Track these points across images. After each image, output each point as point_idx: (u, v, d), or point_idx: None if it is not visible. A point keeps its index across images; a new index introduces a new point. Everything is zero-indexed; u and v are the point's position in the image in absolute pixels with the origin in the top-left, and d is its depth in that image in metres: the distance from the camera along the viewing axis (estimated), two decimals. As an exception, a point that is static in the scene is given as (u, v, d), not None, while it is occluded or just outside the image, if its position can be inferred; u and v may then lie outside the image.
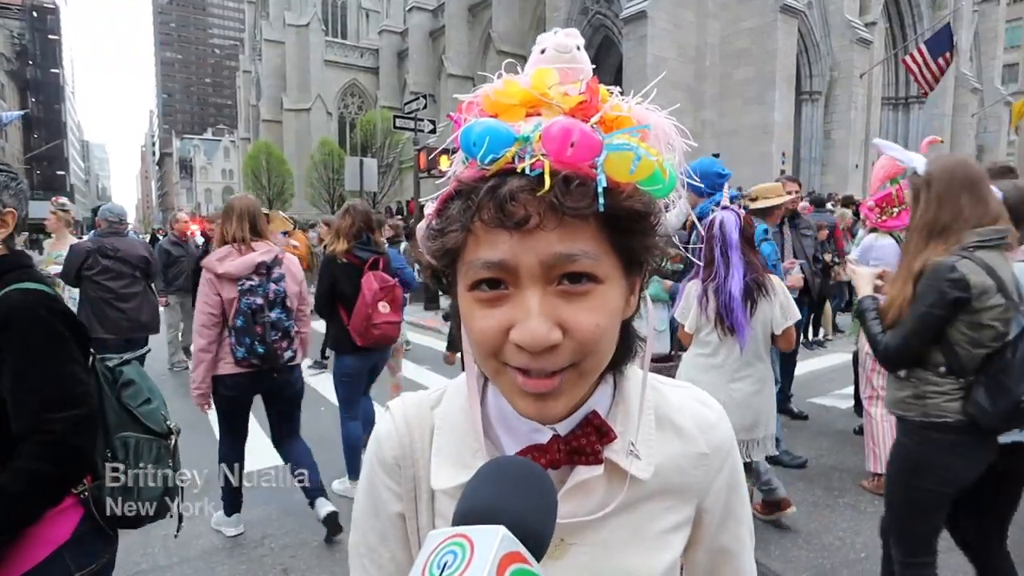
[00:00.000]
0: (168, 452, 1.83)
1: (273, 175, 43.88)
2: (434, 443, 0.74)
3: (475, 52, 38.87)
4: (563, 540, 0.69)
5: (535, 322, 0.57)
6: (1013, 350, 2.06)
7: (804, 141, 26.25)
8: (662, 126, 0.64)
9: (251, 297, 3.29)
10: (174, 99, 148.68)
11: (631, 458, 0.69)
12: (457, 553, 0.46)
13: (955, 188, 2.15)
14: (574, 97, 0.60)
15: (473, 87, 0.68)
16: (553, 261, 0.57)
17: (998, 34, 36.78)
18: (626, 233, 0.61)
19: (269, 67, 52.11)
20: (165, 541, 3.62)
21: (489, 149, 0.57)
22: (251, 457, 4.81)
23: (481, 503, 0.51)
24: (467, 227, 0.59)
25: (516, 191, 0.56)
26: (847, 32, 25.66)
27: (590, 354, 0.61)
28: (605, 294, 0.61)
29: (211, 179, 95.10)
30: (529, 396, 0.62)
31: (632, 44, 22.02)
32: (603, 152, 0.57)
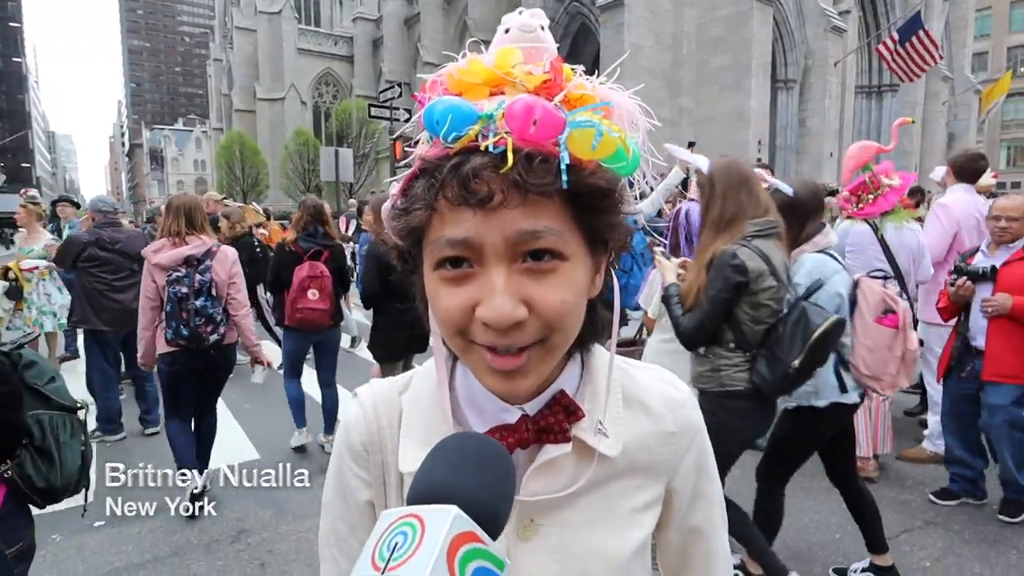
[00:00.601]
0: (81, 426, 1.96)
1: (247, 166, 43.33)
2: (403, 426, 0.73)
3: (451, 40, 38.57)
4: (532, 521, 0.69)
5: (500, 299, 0.57)
6: (784, 325, 2.39)
7: (779, 129, 26.55)
8: (625, 105, 0.64)
9: (177, 286, 3.68)
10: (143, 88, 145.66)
11: (599, 436, 0.69)
12: (407, 534, 0.45)
13: (735, 185, 2.46)
14: (538, 76, 0.60)
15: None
16: (517, 238, 0.57)
17: (968, 23, 37.44)
18: (590, 210, 0.61)
19: (241, 55, 51.22)
20: (139, 539, 3.56)
21: (452, 127, 0.57)
22: (229, 452, 4.79)
23: (434, 482, 0.51)
24: (431, 205, 0.58)
25: (479, 168, 0.56)
26: (821, 20, 25.93)
27: (556, 330, 0.61)
28: (570, 271, 0.60)
29: (183, 170, 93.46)
30: (497, 373, 0.61)
31: (609, 32, 22.04)
32: (566, 129, 0.57)
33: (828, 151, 26.33)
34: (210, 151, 72.38)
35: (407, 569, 0.43)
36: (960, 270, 3.53)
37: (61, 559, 3.39)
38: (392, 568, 0.43)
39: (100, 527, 3.70)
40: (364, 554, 0.46)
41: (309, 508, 3.84)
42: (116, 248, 4.93)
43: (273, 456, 4.74)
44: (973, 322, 3.57)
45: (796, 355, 2.33)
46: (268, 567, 3.33)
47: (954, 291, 3.52)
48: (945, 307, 3.60)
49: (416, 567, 0.43)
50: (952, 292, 3.53)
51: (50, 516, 3.81)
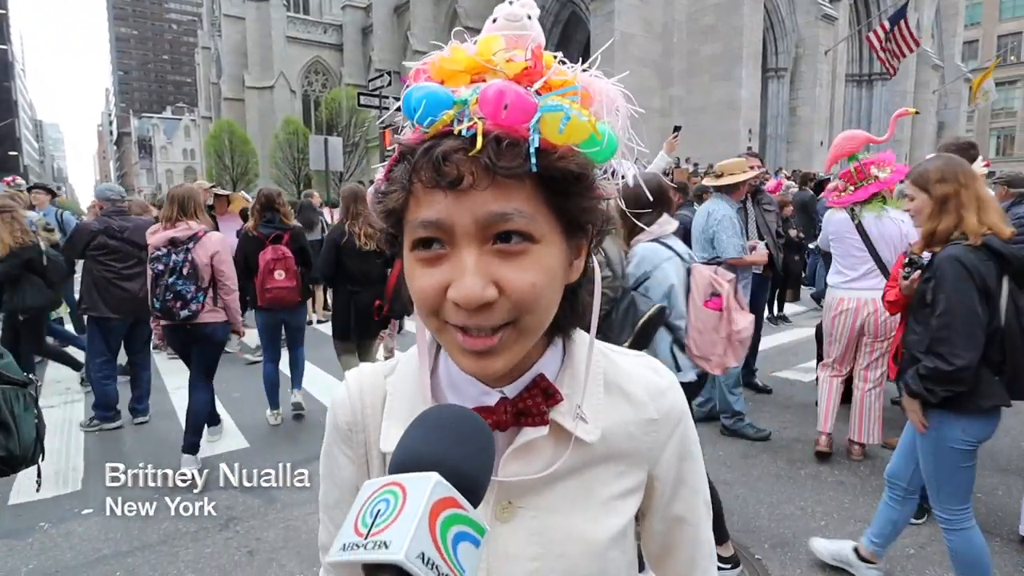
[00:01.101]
0: (33, 400, 2.08)
1: (236, 154, 42.90)
2: (386, 408, 0.75)
3: (441, 28, 38.29)
4: (511, 503, 0.70)
5: (469, 280, 0.58)
6: (616, 311, 2.59)
7: (770, 118, 26.57)
8: (607, 91, 0.65)
9: (156, 264, 4.14)
10: (130, 76, 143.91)
11: (577, 421, 0.70)
12: (390, 501, 0.46)
13: None
14: (519, 63, 0.61)
15: None
16: (487, 220, 0.58)
17: (958, 11, 37.51)
18: (561, 194, 0.62)
19: (229, 43, 50.58)
20: (127, 526, 3.56)
21: (426, 112, 0.58)
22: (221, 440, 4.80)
23: (414, 451, 0.52)
24: (407, 188, 0.61)
25: (449, 151, 0.57)
26: (812, 8, 25.91)
27: (527, 312, 0.62)
28: (541, 253, 0.61)
29: (172, 159, 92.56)
30: (469, 353, 0.63)
31: (600, 20, 21.95)
32: (538, 113, 0.58)
33: (819, 140, 26.38)
34: (199, 140, 71.72)
35: (389, 533, 0.44)
36: (914, 262, 3.26)
37: (49, 547, 3.40)
38: (375, 533, 0.45)
39: (88, 515, 3.71)
40: (347, 521, 0.47)
41: (297, 496, 3.84)
42: (124, 236, 4.91)
43: (262, 444, 4.76)
44: None
45: (626, 339, 2.54)
46: (256, 554, 3.34)
47: (908, 284, 3.23)
48: (896, 300, 3.32)
49: (398, 531, 0.44)
50: (905, 285, 3.23)
51: (38, 503, 3.84)
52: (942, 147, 4.25)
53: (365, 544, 0.44)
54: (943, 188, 2.54)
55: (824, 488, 3.86)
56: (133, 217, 5.21)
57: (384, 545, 0.44)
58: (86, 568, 3.22)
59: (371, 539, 0.45)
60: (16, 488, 4.05)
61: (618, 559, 0.74)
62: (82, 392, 6.01)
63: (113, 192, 5.15)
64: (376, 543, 0.44)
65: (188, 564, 3.25)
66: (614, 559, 0.73)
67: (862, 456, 4.20)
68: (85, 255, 4.87)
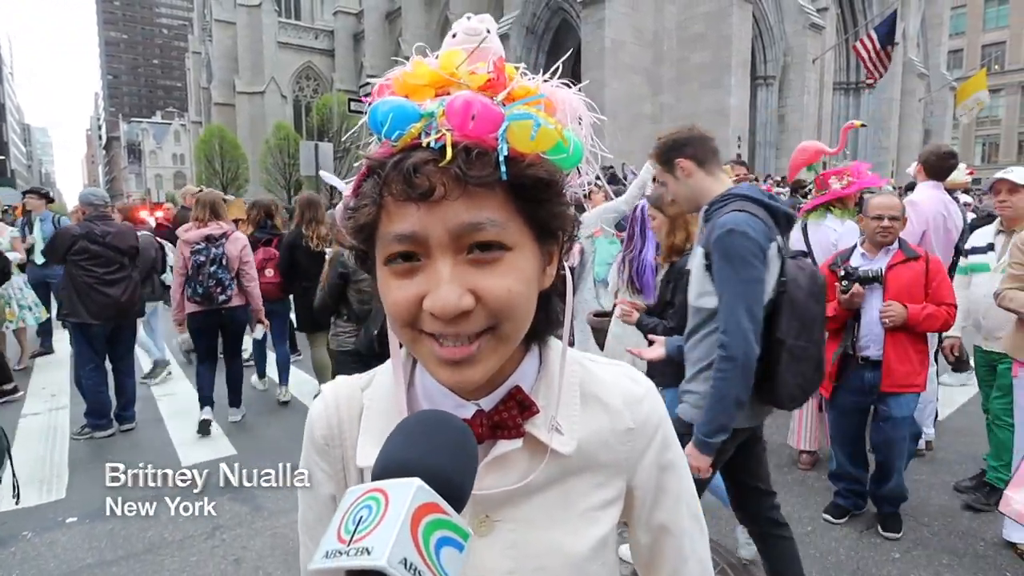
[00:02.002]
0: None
1: (227, 160, 42.73)
2: (363, 422, 0.75)
3: (433, 34, 38.39)
4: (488, 517, 0.70)
5: (446, 289, 0.58)
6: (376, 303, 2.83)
7: (759, 125, 26.75)
8: (570, 100, 0.66)
9: (198, 256, 4.84)
10: (120, 81, 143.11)
11: (552, 432, 0.70)
12: (372, 507, 0.46)
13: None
14: (481, 76, 0.62)
15: None
16: (461, 230, 0.59)
17: (943, 21, 37.94)
18: (532, 201, 0.62)
19: (220, 48, 50.45)
20: (111, 535, 3.54)
21: (394, 125, 0.59)
22: (208, 447, 4.77)
23: (396, 457, 0.52)
24: (378, 202, 0.61)
25: (420, 163, 0.57)
26: (800, 17, 26.15)
27: (505, 319, 0.62)
28: (515, 260, 0.62)
29: (161, 164, 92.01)
30: (446, 363, 0.62)
31: (590, 28, 22.03)
32: (504, 123, 0.59)
33: (805, 145, 26.59)
34: (189, 145, 71.28)
35: (371, 540, 0.44)
36: (850, 275, 3.25)
37: (32, 556, 3.37)
38: (357, 540, 0.45)
39: (72, 523, 3.68)
40: (330, 529, 0.47)
41: (284, 504, 3.83)
42: (106, 241, 4.89)
43: (250, 452, 4.74)
44: (866, 331, 3.27)
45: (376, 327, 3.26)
46: (242, 563, 3.32)
47: (847, 298, 3.25)
48: (833, 316, 3.23)
49: (380, 537, 0.44)
50: (844, 299, 3.25)
51: (22, 512, 3.80)
52: (924, 157, 4.30)
53: (348, 551, 0.44)
54: (674, 209, 2.96)
55: (810, 494, 3.88)
56: (115, 223, 5.19)
57: (367, 551, 0.43)
58: (70, 577, 3.18)
59: (353, 546, 0.44)
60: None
61: (598, 572, 0.73)
62: (68, 399, 5.96)
63: (96, 197, 5.13)
64: (359, 549, 0.44)
65: (173, 573, 3.22)
66: (594, 572, 0.73)
67: (810, 465, 4.24)
68: (66, 260, 4.84)
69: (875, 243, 3.28)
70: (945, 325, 3.23)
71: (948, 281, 3.26)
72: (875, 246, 3.30)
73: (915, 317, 3.12)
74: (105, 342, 5.04)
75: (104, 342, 5.04)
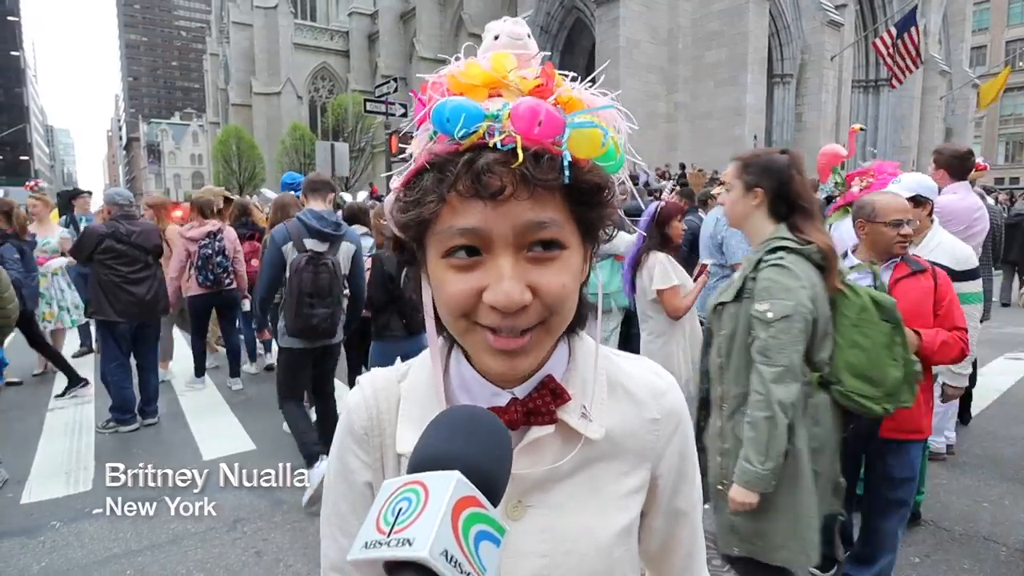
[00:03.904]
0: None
1: (244, 160, 43.18)
2: (400, 411, 0.77)
3: (447, 35, 38.52)
4: (520, 502, 0.73)
5: (508, 284, 0.62)
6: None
7: (776, 124, 26.49)
8: (609, 111, 0.68)
9: (205, 249, 5.81)
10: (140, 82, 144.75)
11: (583, 420, 0.73)
12: (412, 499, 0.46)
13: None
14: (531, 80, 0.65)
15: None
16: (525, 228, 0.62)
17: (966, 17, 37.34)
18: (586, 204, 0.66)
19: (237, 50, 50.93)
20: (136, 525, 3.61)
21: (464, 125, 0.61)
22: (228, 442, 4.85)
23: (435, 450, 0.53)
24: (443, 198, 0.62)
25: (492, 164, 0.60)
26: (818, 14, 25.88)
27: (556, 313, 0.66)
28: (569, 258, 0.66)
29: (180, 164, 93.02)
30: (499, 354, 0.66)
31: (605, 26, 21.97)
32: (567, 130, 0.62)
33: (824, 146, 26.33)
34: (207, 145, 71.94)
35: (413, 531, 0.44)
36: None
37: (60, 545, 3.45)
38: (398, 531, 0.44)
39: (98, 514, 3.76)
40: (368, 520, 0.47)
41: (303, 497, 3.89)
42: (132, 240, 4.97)
43: (269, 448, 4.80)
44: None
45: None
46: (263, 555, 3.38)
47: None
48: None
49: (422, 528, 0.44)
50: None
51: (49, 503, 3.90)
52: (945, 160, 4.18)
53: (388, 541, 0.44)
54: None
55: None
56: (141, 221, 5.28)
57: (408, 543, 0.43)
58: (97, 566, 3.27)
59: (394, 536, 0.44)
60: (28, 488, 4.12)
61: (623, 557, 0.77)
62: (92, 394, 6.08)
63: (121, 197, 5.20)
64: (400, 540, 0.44)
65: (197, 564, 3.29)
66: (620, 557, 0.76)
67: None
68: (93, 258, 4.93)
69: (891, 254, 2.64)
70: (961, 356, 2.59)
71: (957, 300, 2.63)
72: (880, 257, 2.64)
73: (929, 346, 2.48)
74: (130, 339, 5.14)
75: (130, 340, 5.13)
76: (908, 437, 2.56)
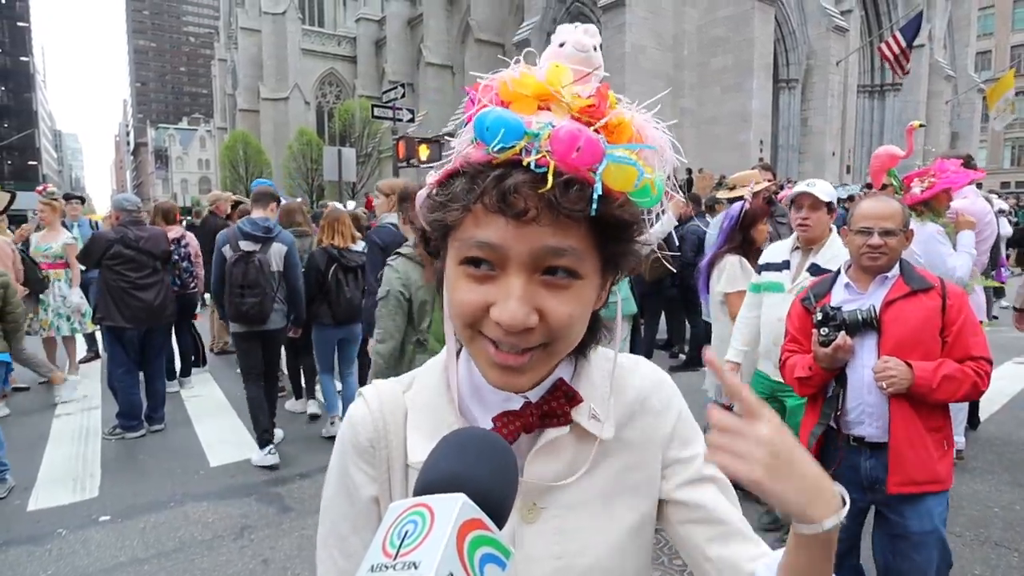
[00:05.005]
0: None
1: (251, 165, 43.31)
2: (410, 421, 0.77)
3: (454, 41, 38.57)
4: (535, 504, 0.73)
5: (515, 305, 0.62)
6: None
7: (782, 128, 26.45)
8: (657, 140, 0.67)
9: (173, 255, 5.73)
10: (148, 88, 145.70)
11: (593, 420, 0.75)
12: (417, 522, 0.46)
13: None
14: (584, 100, 0.64)
15: (452, 76, 0.70)
16: (542, 253, 0.62)
17: (971, 22, 37.24)
18: (611, 239, 0.65)
19: (245, 56, 51.27)
20: (143, 534, 3.62)
21: (502, 139, 0.60)
22: (234, 449, 4.85)
23: (442, 473, 0.53)
24: (468, 207, 0.62)
25: (520, 184, 0.60)
26: (823, 20, 25.84)
27: (559, 339, 0.66)
28: (582, 289, 0.65)
29: (187, 169, 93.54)
30: (498, 367, 0.66)
31: (610, 33, 21.96)
32: (604, 161, 0.60)
33: (830, 150, 26.25)
34: (214, 150, 72.28)
35: (418, 554, 0.44)
36: (831, 318, 2.21)
37: (67, 552, 3.46)
38: (403, 554, 0.44)
39: (105, 521, 3.77)
40: (374, 544, 0.47)
41: (311, 506, 3.89)
42: (140, 246, 4.98)
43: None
44: (856, 399, 2.22)
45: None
46: (271, 564, 3.37)
47: (828, 353, 2.18)
48: (809, 377, 2.29)
49: (427, 552, 0.44)
50: (824, 355, 2.19)
51: (55, 510, 3.91)
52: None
53: (394, 565, 0.44)
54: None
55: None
56: (148, 227, 5.29)
57: (413, 566, 0.43)
58: (103, 574, 3.27)
59: (400, 560, 0.44)
60: (35, 495, 4.13)
61: (637, 553, 0.78)
62: (99, 400, 6.10)
63: (130, 202, 5.21)
64: (405, 564, 0.44)
65: (204, 572, 3.28)
66: (633, 553, 0.77)
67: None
68: (101, 264, 4.95)
69: (862, 268, 2.29)
70: (975, 391, 2.14)
71: (976, 324, 2.21)
72: (864, 273, 2.29)
73: (925, 381, 2.07)
74: (138, 345, 5.14)
75: (137, 346, 5.13)
76: (924, 490, 2.14)
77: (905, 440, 2.12)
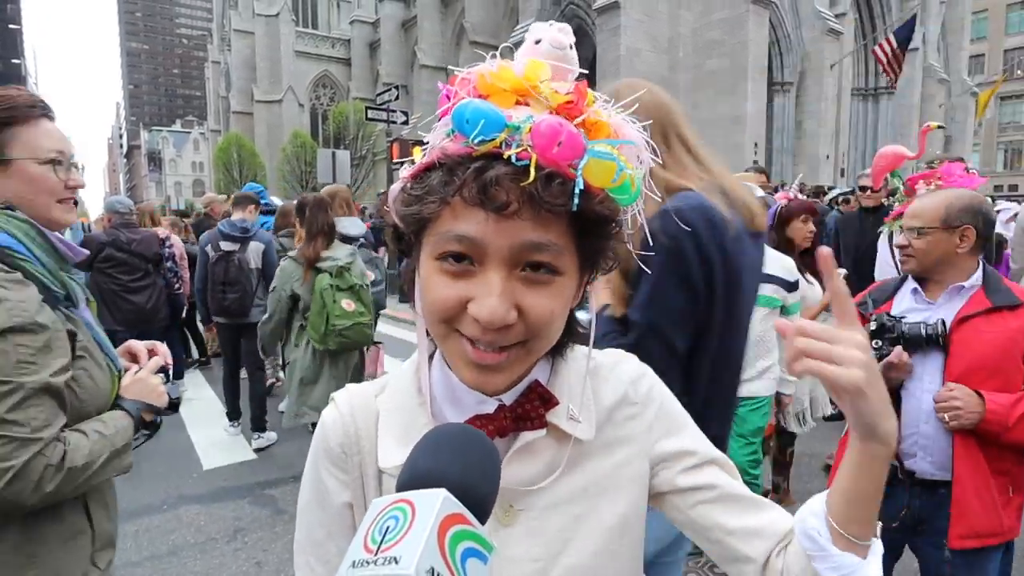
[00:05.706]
0: None
1: (245, 167, 43.17)
2: (380, 426, 0.76)
3: (448, 43, 38.61)
4: (512, 507, 0.72)
5: (495, 300, 0.60)
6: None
7: (776, 131, 26.56)
8: (635, 139, 0.66)
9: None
10: (141, 90, 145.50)
11: (571, 422, 0.73)
12: (399, 517, 0.46)
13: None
14: (562, 96, 0.62)
15: (446, 79, 0.69)
16: (522, 248, 0.61)
17: (964, 25, 37.46)
18: (590, 234, 0.65)
19: (239, 58, 51.11)
20: (136, 537, 3.59)
21: (482, 131, 0.59)
22: (228, 452, 4.82)
23: (422, 468, 0.52)
24: (446, 200, 0.61)
25: (501, 177, 0.58)
26: (817, 23, 25.97)
27: (539, 337, 0.65)
28: (562, 286, 0.65)
29: (181, 172, 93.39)
30: (474, 366, 0.65)
31: (605, 35, 22.03)
32: (585, 156, 0.60)
33: (824, 153, 26.38)
34: (208, 153, 72.21)
35: (399, 549, 0.44)
36: (889, 329, 1.89)
37: (58, 558, 3.41)
38: (385, 549, 0.45)
39: None
40: (356, 540, 0.47)
41: (305, 508, 3.87)
42: (132, 249, 4.98)
43: (268, 457, 4.78)
44: (911, 426, 1.90)
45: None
46: (264, 566, 3.35)
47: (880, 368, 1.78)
48: None
49: (408, 547, 0.44)
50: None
51: (48, 515, 3.85)
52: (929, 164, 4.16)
53: (375, 560, 0.44)
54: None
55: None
56: (140, 230, 5.27)
57: (394, 561, 0.43)
58: (95, 579, 3.23)
59: (381, 555, 0.44)
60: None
61: (621, 552, 0.75)
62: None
63: (122, 205, 5.21)
64: (386, 559, 0.44)
65: (197, 575, 3.27)
66: (619, 553, 0.75)
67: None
68: (93, 267, 4.91)
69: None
70: None
71: None
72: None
73: (998, 418, 1.73)
74: None
75: None
76: (984, 543, 1.84)
77: (971, 486, 1.80)
